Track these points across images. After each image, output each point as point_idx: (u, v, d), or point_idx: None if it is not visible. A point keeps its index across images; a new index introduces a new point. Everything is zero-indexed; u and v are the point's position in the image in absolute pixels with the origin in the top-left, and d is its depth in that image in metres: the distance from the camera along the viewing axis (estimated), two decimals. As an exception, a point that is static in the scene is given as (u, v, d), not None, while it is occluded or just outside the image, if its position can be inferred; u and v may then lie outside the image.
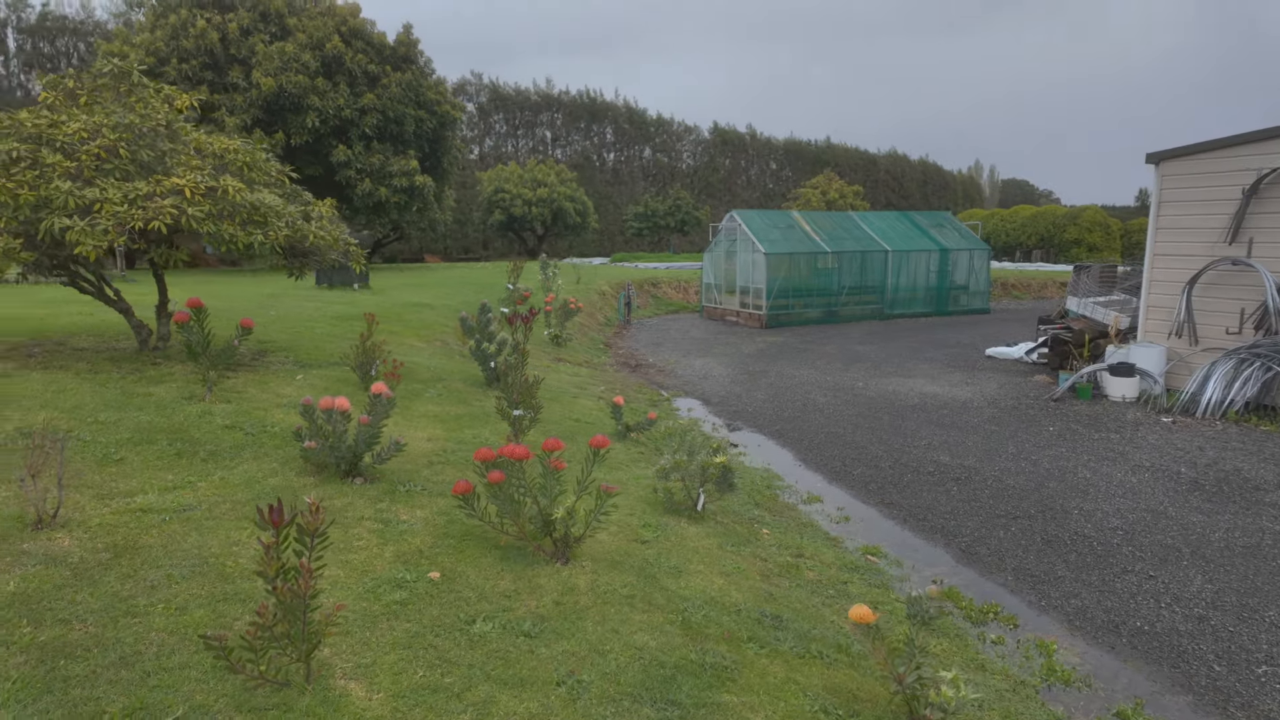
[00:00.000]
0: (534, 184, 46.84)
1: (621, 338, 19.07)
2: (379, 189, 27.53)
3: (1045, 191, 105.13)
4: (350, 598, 3.49)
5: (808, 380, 13.11)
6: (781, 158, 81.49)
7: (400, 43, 29.37)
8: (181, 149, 6.89)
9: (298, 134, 26.40)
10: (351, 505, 4.63)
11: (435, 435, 6.50)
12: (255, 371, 7.69)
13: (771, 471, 8.29)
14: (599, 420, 8.58)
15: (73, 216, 5.87)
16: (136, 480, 4.43)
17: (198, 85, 25.55)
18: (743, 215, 21.77)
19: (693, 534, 5.42)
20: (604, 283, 24.85)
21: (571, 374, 12.10)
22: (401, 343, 11.36)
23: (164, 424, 5.41)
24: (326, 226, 7.36)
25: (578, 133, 69.39)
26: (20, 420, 4.94)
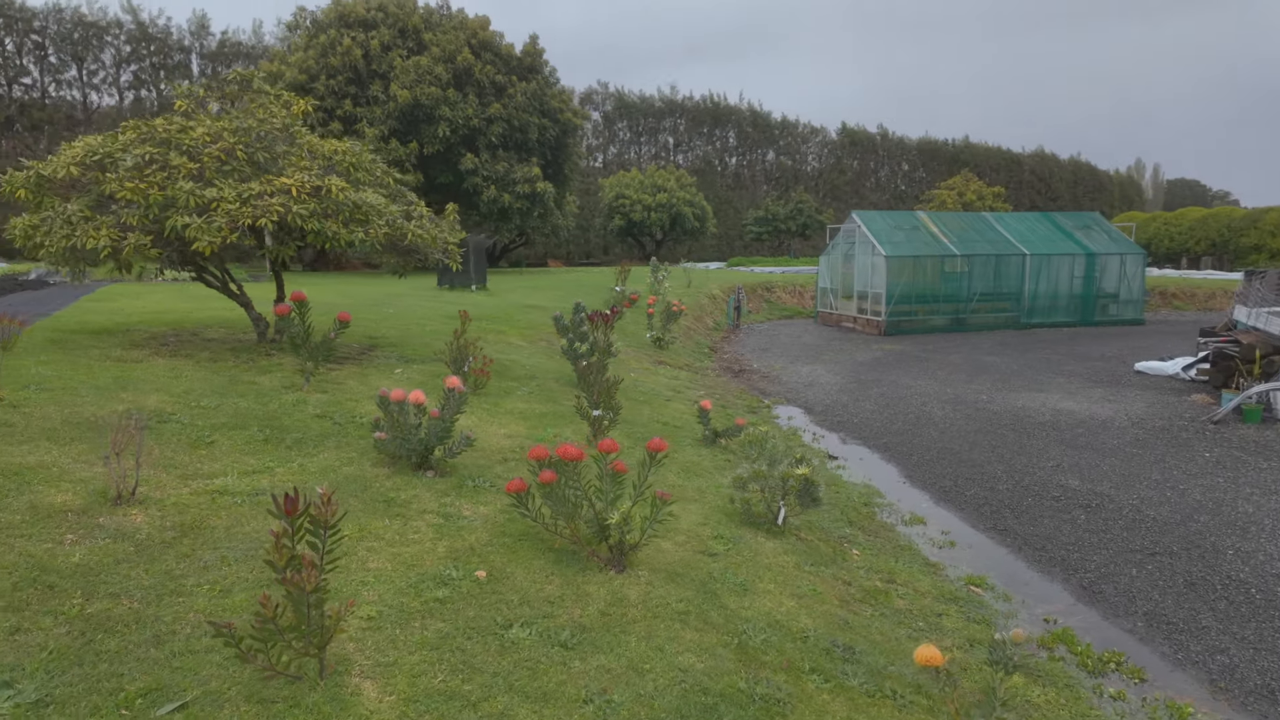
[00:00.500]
0: (653, 189, 47.13)
1: (728, 342, 18.69)
2: (503, 195, 28.52)
3: (1220, 193, 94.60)
4: (390, 593, 3.43)
5: (924, 391, 12.25)
6: (914, 158, 77.90)
7: (526, 53, 30.34)
8: (294, 151, 7.26)
9: (430, 143, 27.80)
10: (417, 498, 4.63)
11: (516, 432, 6.48)
12: (359, 365, 8.00)
13: (872, 488, 7.73)
14: (688, 425, 8.33)
15: (193, 215, 6.28)
16: (221, 463, 4.62)
17: (342, 99, 27.47)
18: (863, 216, 20.82)
19: (768, 550, 5.06)
20: (715, 286, 24.53)
21: (670, 377, 11.91)
22: (506, 342, 11.58)
23: (259, 411, 5.67)
24: (426, 225, 7.55)
25: (699, 138, 69.29)
26: (132, 402, 5.31)
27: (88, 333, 8.20)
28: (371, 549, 3.86)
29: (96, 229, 6.29)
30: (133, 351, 7.14)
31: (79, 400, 5.18)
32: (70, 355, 6.62)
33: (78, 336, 7.82)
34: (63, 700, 2.37)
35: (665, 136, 68.68)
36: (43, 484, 3.80)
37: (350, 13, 28.56)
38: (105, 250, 6.25)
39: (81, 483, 3.88)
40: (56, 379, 5.66)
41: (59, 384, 5.50)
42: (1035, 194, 78.00)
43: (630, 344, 13.94)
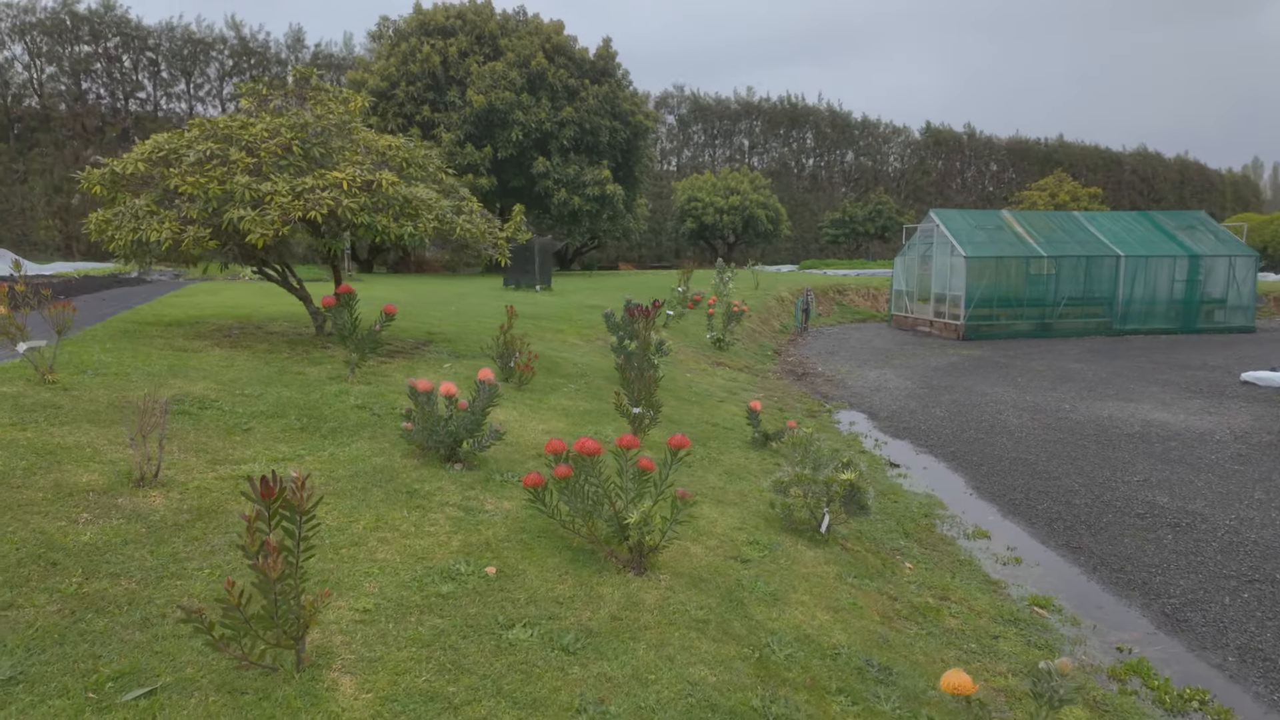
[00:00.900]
0: (726, 192, 46.66)
1: (794, 345, 18.18)
2: (573, 198, 28.74)
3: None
4: (392, 585, 3.32)
5: (1000, 399, 11.54)
6: (1004, 158, 74.57)
7: (599, 56, 30.51)
8: (349, 146, 7.36)
9: (503, 147, 28.28)
10: (441, 490, 4.54)
11: (555, 428, 6.35)
12: (410, 359, 8.06)
13: (934, 498, 7.26)
14: (738, 426, 8.03)
15: (248, 208, 6.43)
16: (253, 449, 4.65)
17: (421, 105, 28.26)
18: (941, 215, 19.94)
19: (808, 559, 4.75)
20: (784, 288, 23.98)
21: (727, 379, 11.60)
22: (563, 340, 11.53)
23: (300, 400, 5.72)
24: (475, 220, 7.53)
25: (776, 139, 68.30)
26: (179, 389, 5.44)
27: (160, 324, 8.56)
28: (384, 540, 3.77)
29: (160, 222, 6.51)
30: (194, 342, 7.38)
31: (129, 385, 5.34)
32: (135, 344, 6.88)
33: (150, 328, 8.16)
34: (35, 679, 2.34)
35: (740, 139, 68.02)
36: (73, 463, 3.88)
37: (430, 21, 29.38)
38: (166, 243, 6.46)
39: (110, 464, 3.94)
40: (114, 365, 5.86)
41: (114, 370, 5.70)
42: (1137, 195, 73.43)
43: (690, 345, 13.70)
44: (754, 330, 18.09)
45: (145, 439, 3.84)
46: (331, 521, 3.87)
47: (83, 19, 48.10)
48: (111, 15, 49.07)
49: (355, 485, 4.39)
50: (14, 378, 5.01)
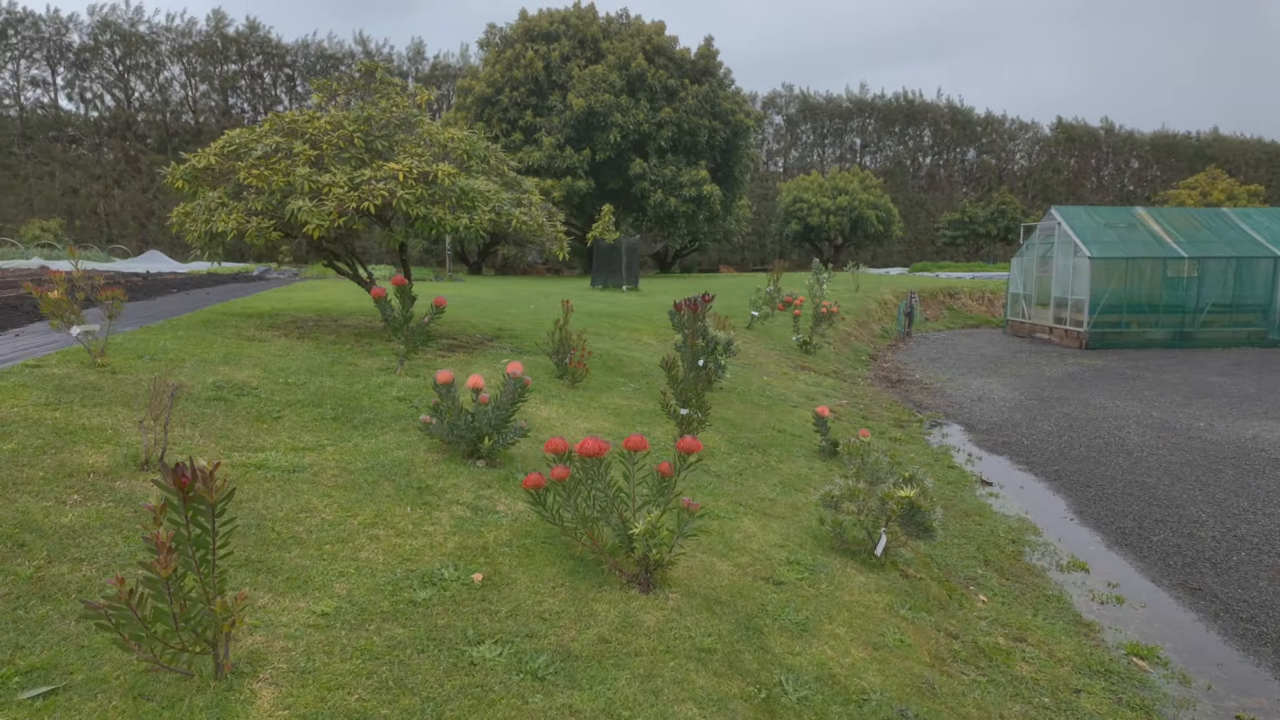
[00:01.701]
0: (834, 192, 45.11)
1: (894, 350, 17.11)
2: (669, 199, 28.48)
3: None
4: (364, 588, 3.09)
5: (1121, 413, 10.29)
6: (1146, 154, 68.39)
7: (701, 55, 30.13)
8: (411, 139, 7.35)
9: (602, 150, 28.40)
10: (455, 487, 4.32)
11: (599, 428, 6.03)
12: (470, 353, 7.98)
13: (1026, 522, 6.45)
14: (806, 434, 7.45)
15: (307, 199, 6.49)
16: (276, 437, 4.59)
17: (524, 110, 28.82)
18: (1064, 212, 18.28)
19: (856, 585, 4.20)
20: (887, 291, 22.75)
21: (809, 383, 10.94)
22: (636, 339, 11.24)
23: (341, 390, 5.68)
24: (533, 214, 7.34)
25: (890, 137, 65.58)
26: (225, 375, 5.50)
27: (244, 315, 8.89)
28: (375, 537, 3.56)
29: (228, 214, 6.68)
30: (265, 332, 7.57)
31: (178, 370, 5.45)
32: (207, 332, 7.12)
33: (232, 318, 8.48)
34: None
35: (852, 138, 65.77)
36: (87, 444, 3.89)
37: (535, 27, 29.94)
38: (232, 233, 6.61)
39: (125, 447, 3.94)
40: (172, 351, 6.04)
41: (170, 355, 5.85)
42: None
43: (774, 348, 13.09)
44: (849, 334, 17.18)
45: (156, 422, 3.80)
46: (328, 515, 3.71)
47: (231, 40, 52.45)
48: (255, 36, 53.29)
49: (367, 478, 4.22)
50: (69, 360, 5.21)
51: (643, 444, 3.45)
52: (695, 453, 3.40)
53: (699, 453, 3.42)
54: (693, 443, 3.37)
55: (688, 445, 3.38)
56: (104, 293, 4.96)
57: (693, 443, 3.37)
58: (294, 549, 3.33)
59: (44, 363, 5.08)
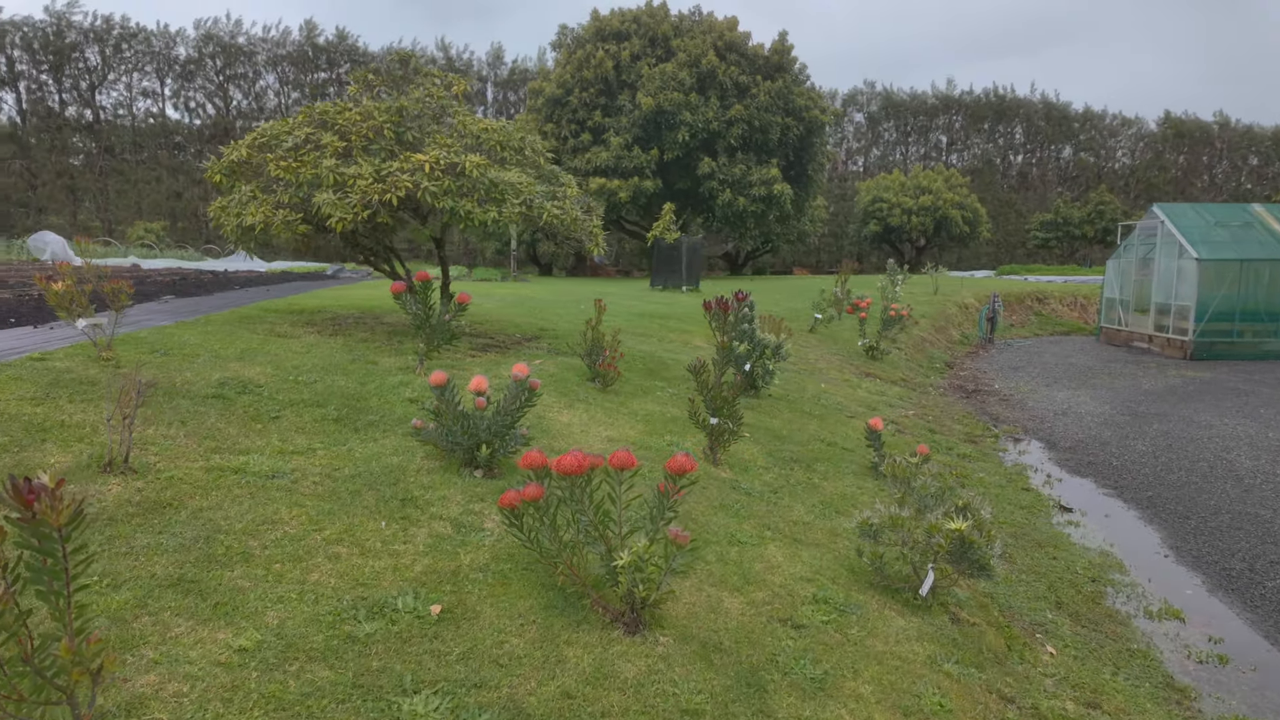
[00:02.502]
0: (917, 191, 43.24)
1: (973, 358, 15.99)
2: (738, 199, 27.77)
3: None
4: (298, 620, 2.72)
5: (1230, 433, 9.13)
6: (1268, 150, 62.93)
7: (774, 51, 29.31)
8: (443, 130, 7.08)
9: (670, 149, 27.96)
10: (444, 500, 3.94)
11: (623, 436, 5.57)
12: (503, 353, 7.66)
13: (1111, 557, 5.63)
14: (859, 448, 6.78)
15: (332, 191, 6.29)
16: (266, 439, 4.32)
17: (593, 110, 28.68)
18: (1169, 210, 16.71)
19: (894, 630, 3.59)
20: (968, 294, 21.44)
21: (873, 392, 10.17)
22: (686, 341, 10.74)
23: (351, 390, 5.41)
24: (566, 207, 6.95)
25: (978, 135, 62.60)
26: (233, 372, 5.31)
27: (287, 312, 8.85)
28: (335, 556, 3.21)
29: (257, 207, 6.56)
30: (298, 328, 7.45)
31: (187, 366, 5.29)
32: (237, 328, 7.03)
33: (272, 314, 8.43)
34: None
35: (938, 135, 63.12)
36: (56, 443, 3.70)
37: (606, 26, 29.78)
38: (260, 227, 6.48)
39: (96, 446, 3.73)
40: (189, 346, 5.92)
41: (185, 351, 5.73)
42: None
43: (837, 352, 12.33)
44: (924, 339, 16.16)
45: (124, 421, 3.57)
46: (292, 528, 3.38)
47: (321, 49, 54.66)
48: (344, 45, 55.33)
49: (349, 487, 3.89)
50: (77, 354, 5.11)
51: (629, 461, 2.97)
52: (688, 473, 2.90)
53: (693, 472, 2.91)
54: (685, 461, 2.87)
55: (679, 465, 2.87)
56: (109, 285, 4.83)
57: (685, 461, 2.87)
58: (239, 567, 3.00)
59: (50, 356, 5.00)
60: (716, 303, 4.99)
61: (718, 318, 5.00)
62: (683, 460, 2.85)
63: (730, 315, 5.00)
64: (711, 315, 5.06)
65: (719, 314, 4.99)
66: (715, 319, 5.05)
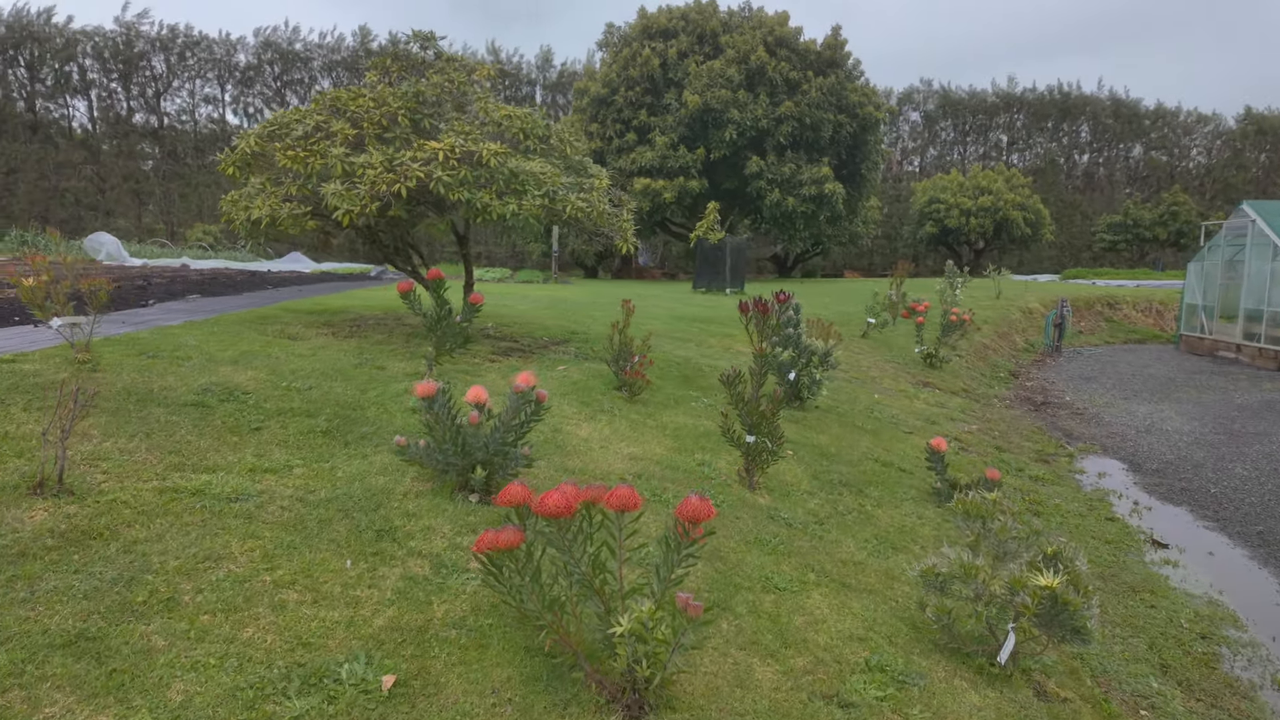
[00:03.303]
0: (976, 192, 41.56)
1: (1040, 367, 14.89)
2: (787, 199, 26.86)
3: None
4: (211, 698, 2.17)
5: (1348, 457, 8.03)
6: (1358, 147, 58.90)
7: (827, 46, 28.34)
8: (463, 117, 6.58)
9: (716, 148, 27.24)
10: (428, 531, 3.38)
11: (649, 454, 4.95)
12: (525, 357, 7.13)
13: (1221, 607, 4.78)
14: (919, 469, 6.03)
15: (340, 182, 5.83)
16: (239, 455, 3.83)
17: (638, 109, 28.15)
18: (1261, 208, 15.33)
19: (966, 708, 2.89)
20: (1033, 299, 20.18)
21: (932, 404, 9.33)
22: (728, 346, 10.06)
23: (349, 398, 4.91)
24: (593, 200, 6.37)
25: (1041, 133, 60.10)
26: (222, 377, 4.86)
27: (307, 312, 8.48)
28: (280, 604, 2.66)
29: (265, 200, 6.15)
30: (311, 330, 7.03)
31: (173, 370, 4.87)
32: (244, 329, 6.64)
33: (290, 314, 8.07)
34: None
35: (998, 134, 60.84)
36: (-11, 458, 3.24)
37: (653, 24, 29.23)
38: (266, 220, 6.07)
39: (36, 463, 3.27)
40: (184, 348, 5.51)
41: (178, 353, 5.32)
42: None
43: (892, 359, 11.48)
44: (987, 346, 15.12)
45: (60, 435, 3.10)
46: (239, 566, 2.85)
47: (374, 53, 55.46)
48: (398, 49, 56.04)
49: (320, 514, 3.37)
50: (54, 356, 4.73)
51: (632, 501, 2.34)
52: (705, 520, 2.26)
53: (710, 521, 2.26)
54: (700, 508, 2.23)
55: (693, 511, 2.24)
56: (85, 282, 4.42)
57: (700, 508, 2.23)
58: (158, 619, 2.47)
59: (25, 358, 4.62)
60: (754, 304, 4.34)
61: (756, 321, 4.34)
62: (696, 506, 2.21)
63: (771, 318, 4.34)
64: (749, 318, 4.40)
65: (757, 317, 4.33)
66: (753, 322, 4.39)
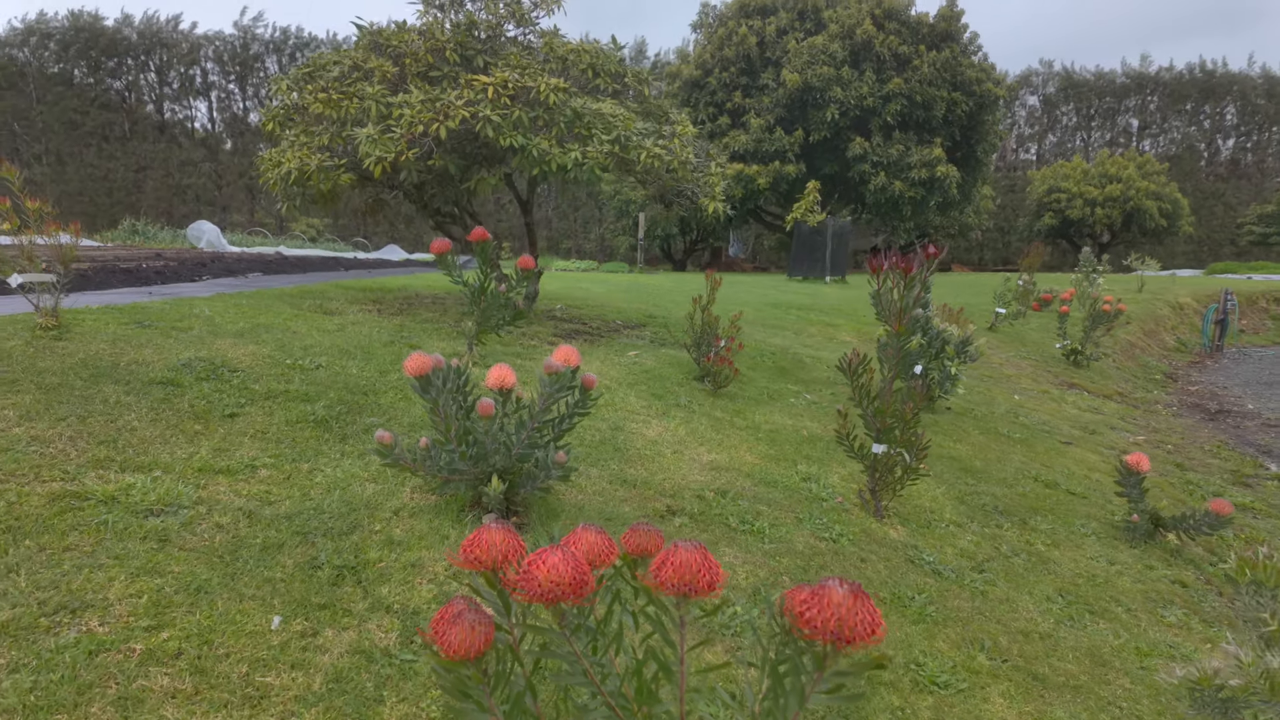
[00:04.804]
0: (1102, 180, 37.84)
1: (1200, 369, 12.68)
2: (894, 183, 24.85)
3: None
4: None
5: None
6: None
7: (941, 18, 26.08)
8: (519, 51, 5.55)
9: (816, 130, 25.52)
10: (413, 570, 2.34)
11: (734, 463, 3.76)
12: (592, 341, 6.06)
13: None
14: (1096, 493, 4.57)
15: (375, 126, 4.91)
16: (192, 449, 2.90)
17: (732, 91, 26.78)
18: None
19: None
20: (1183, 293, 17.65)
21: (1084, 408, 7.69)
22: (831, 335, 8.71)
23: (362, 381, 3.96)
24: (674, 148, 5.22)
25: (1179, 117, 54.61)
26: (212, 352, 3.99)
27: (354, 290, 7.75)
28: (126, 700, 1.64)
29: (295, 151, 5.31)
30: (351, 306, 6.20)
31: (157, 341, 4.04)
32: (273, 302, 5.85)
33: (335, 291, 7.32)
34: None
35: (1127, 119, 55.72)
36: None
37: (751, 1, 27.74)
38: (294, 174, 5.22)
39: (-102, 451, 2.41)
40: (192, 319, 4.72)
41: (179, 324, 4.51)
42: None
43: (1028, 356, 9.80)
44: (1132, 344, 13.05)
45: (-86, 416, 2.21)
46: (105, 625, 1.88)
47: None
48: (492, 44, 56.53)
49: (271, 536, 2.37)
50: (18, 322, 3.97)
51: (704, 581, 1.17)
52: (866, 643, 1.06)
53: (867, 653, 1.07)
54: (862, 619, 1.03)
55: (848, 625, 1.04)
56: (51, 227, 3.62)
57: (862, 619, 1.03)
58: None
59: (-17, 322, 3.88)
60: (889, 255, 3.07)
61: (893, 279, 3.07)
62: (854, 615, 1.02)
63: (916, 278, 3.05)
64: (883, 278, 3.13)
65: (894, 275, 3.06)
66: (886, 282, 3.12)
